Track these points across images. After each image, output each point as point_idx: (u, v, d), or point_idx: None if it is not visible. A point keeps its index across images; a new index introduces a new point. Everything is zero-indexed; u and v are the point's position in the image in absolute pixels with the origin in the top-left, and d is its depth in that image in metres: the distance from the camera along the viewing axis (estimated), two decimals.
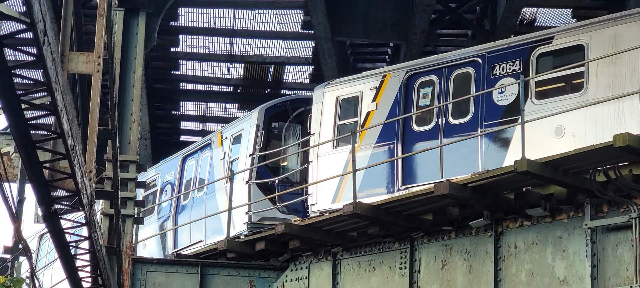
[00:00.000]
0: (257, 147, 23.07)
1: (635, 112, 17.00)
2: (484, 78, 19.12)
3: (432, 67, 20.12)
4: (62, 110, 9.72)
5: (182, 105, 37.12)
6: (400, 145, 19.92)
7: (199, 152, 25.89)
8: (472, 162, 18.75)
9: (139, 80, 19.52)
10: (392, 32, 29.72)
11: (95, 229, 13.91)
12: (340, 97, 21.22)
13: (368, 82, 20.91)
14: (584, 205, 16.38)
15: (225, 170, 24.05)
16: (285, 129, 23.58)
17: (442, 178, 18.42)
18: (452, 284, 18.02)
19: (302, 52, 34.05)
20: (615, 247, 16.06)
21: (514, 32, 29.46)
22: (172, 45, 33.65)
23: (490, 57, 19.18)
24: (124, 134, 19.03)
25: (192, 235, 24.79)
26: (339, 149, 20.85)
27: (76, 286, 16.51)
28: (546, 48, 18.49)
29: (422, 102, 20.00)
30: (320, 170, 20.94)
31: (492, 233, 17.60)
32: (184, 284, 20.64)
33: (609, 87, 17.41)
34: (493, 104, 18.88)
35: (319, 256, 20.29)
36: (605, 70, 17.52)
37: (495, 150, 18.59)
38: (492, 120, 18.76)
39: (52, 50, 8.97)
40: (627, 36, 17.44)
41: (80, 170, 11.36)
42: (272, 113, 23.70)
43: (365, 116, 20.63)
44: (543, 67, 18.31)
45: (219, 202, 23.85)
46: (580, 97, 17.68)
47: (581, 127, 17.46)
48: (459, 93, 19.39)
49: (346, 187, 20.33)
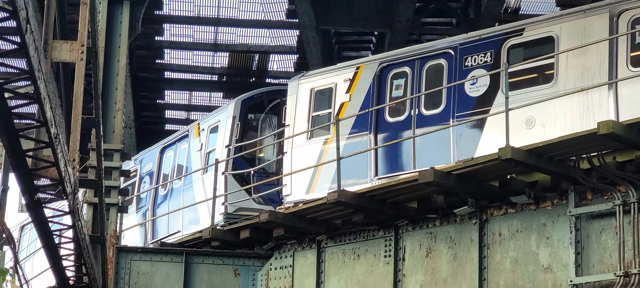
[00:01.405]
0: (234, 139, 23.21)
1: (604, 103, 17.24)
2: (456, 69, 19.34)
3: (405, 58, 20.34)
4: (45, 98, 9.68)
5: (166, 94, 37.06)
6: (373, 136, 20.03)
7: (177, 143, 26.04)
8: (444, 152, 18.96)
9: (123, 68, 19.45)
10: (377, 21, 29.72)
11: (79, 218, 13.87)
12: (315, 89, 21.42)
13: (342, 74, 21.11)
14: (568, 192, 16.44)
15: (202, 161, 24.17)
16: (262, 120, 23.84)
17: (415, 169, 18.62)
18: (437, 272, 18.05)
19: (287, 41, 34.04)
20: (599, 234, 16.11)
21: (498, 20, 29.52)
22: (157, 34, 33.57)
23: (463, 48, 19.41)
24: (108, 122, 18.97)
25: (170, 225, 24.92)
26: (313, 140, 21.09)
27: (60, 275, 16.49)
28: (517, 40, 18.74)
29: (395, 93, 20.24)
30: (294, 161, 21.12)
31: (476, 220, 17.64)
32: (169, 273, 20.63)
33: (579, 78, 17.64)
34: (465, 95, 19.10)
35: (304, 244, 20.31)
36: (575, 62, 17.76)
37: (467, 141, 18.77)
38: (464, 111, 18.98)
39: (35, 39, 8.93)
40: (596, 28, 17.68)
41: (63, 158, 11.32)
42: (248, 104, 23.95)
43: (339, 107, 20.83)
44: (514, 58, 18.50)
45: (196, 192, 24.02)
46: (550, 88, 17.90)
47: (551, 118, 17.66)
48: (431, 84, 19.60)
49: (320, 177, 20.61)
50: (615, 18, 17.61)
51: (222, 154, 23.22)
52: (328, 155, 20.62)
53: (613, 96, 17.25)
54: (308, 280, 20.06)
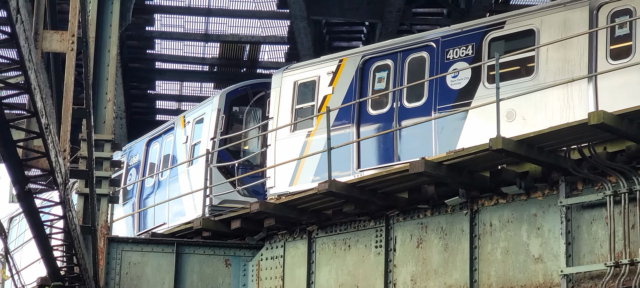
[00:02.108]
0: (218, 131, 23.32)
1: (583, 96, 17.37)
2: (438, 62, 19.45)
3: (387, 51, 20.42)
4: (36, 88, 9.67)
5: (157, 85, 37.01)
6: (356, 129, 20.11)
7: (163, 135, 26.15)
8: (426, 145, 19.11)
9: (113, 59, 19.40)
10: (368, 11, 29.72)
11: (70, 208, 13.86)
12: (298, 82, 21.51)
13: (325, 67, 21.19)
14: (558, 183, 16.46)
15: (188, 153, 24.29)
16: (246, 112, 23.95)
17: (397, 161, 18.72)
18: (428, 262, 18.07)
19: (278, 32, 34.02)
20: (590, 224, 16.14)
21: (489, 11, 29.54)
22: (148, 24, 33.52)
23: (444, 41, 19.51)
24: (98, 113, 18.93)
25: (156, 217, 25.02)
26: (297, 133, 21.16)
27: (51, 265, 16.48)
28: (498, 33, 18.89)
29: (378, 86, 20.33)
30: (278, 154, 21.22)
31: (467, 211, 17.66)
32: (160, 263, 20.63)
33: (559, 71, 17.78)
34: (447, 87, 19.21)
35: (294, 235, 20.32)
36: (555, 55, 17.89)
37: (449, 134, 18.89)
38: (446, 104, 19.09)
39: (25, 29, 8.90)
40: (576, 21, 17.80)
41: (54, 149, 11.30)
42: (233, 97, 24.07)
43: (322, 100, 20.91)
44: (495, 51, 18.55)
45: (181, 185, 24.13)
46: (531, 81, 18.04)
47: (531, 111, 17.78)
48: (413, 77, 19.70)
49: (303, 170, 20.70)
50: (595, 11, 17.71)
51: (207, 147, 23.30)
52: (311, 147, 20.72)
53: (592, 89, 17.38)
54: (299, 270, 20.07)
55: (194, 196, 23.18)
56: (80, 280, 17.81)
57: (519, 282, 16.83)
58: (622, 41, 17.38)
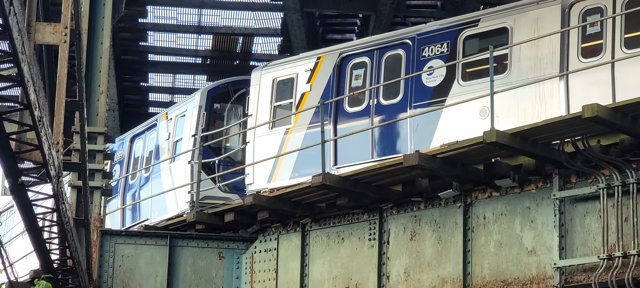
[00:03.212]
0: (199, 128, 23.50)
1: (555, 93, 17.58)
2: (414, 60, 19.66)
3: (364, 48, 20.64)
4: (29, 81, 9.62)
5: (150, 77, 36.94)
6: (332, 126, 20.32)
7: (146, 132, 26.30)
8: (402, 142, 19.33)
9: (106, 51, 19.34)
10: (361, 3, 29.69)
11: (63, 201, 13.82)
12: (277, 79, 21.73)
13: (303, 64, 21.43)
14: (552, 175, 16.47)
15: (170, 149, 24.43)
16: (228, 109, 24.18)
17: (373, 158, 18.86)
18: (421, 255, 18.07)
19: (271, 24, 33.95)
20: (583, 217, 16.16)
21: (483, 3, 29.49)
22: (140, 16, 33.44)
23: (420, 39, 19.76)
24: (91, 105, 18.87)
25: (140, 213, 25.34)
26: (275, 130, 21.38)
27: (44, 258, 16.43)
28: (473, 30, 19.11)
29: (355, 83, 20.56)
30: (256, 151, 21.42)
31: (461, 204, 17.66)
32: (153, 256, 20.60)
33: (531, 69, 17.99)
34: (422, 85, 19.41)
35: (288, 227, 20.31)
36: (528, 53, 18.10)
37: (424, 131, 19.08)
38: (421, 101, 19.29)
39: (18, 21, 8.86)
40: (548, 18, 18.03)
41: (47, 141, 11.26)
42: (214, 94, 24.34)
43: (300, 97, 21.09)
44: (469, 49, 18.88)
45: (163, 181, 24.27)
46: (504, 78, 18.18)
47: (505, 108, 17.92)
48: (390, 74, 19.92)
49: (281, 167, 20.90)
50: (567, 9, 17.95)
51: (188, 143, 23.47)
52: (289, 144, 20.90)
53: (564, 87, 17.54)
54: (292, 263, 20.06)
55: (175, 192, 23.33)
56: (73, 272, 17.77)
57: (512, 275, 16.84)
58: (593, 39, 17.63)
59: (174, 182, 23.69)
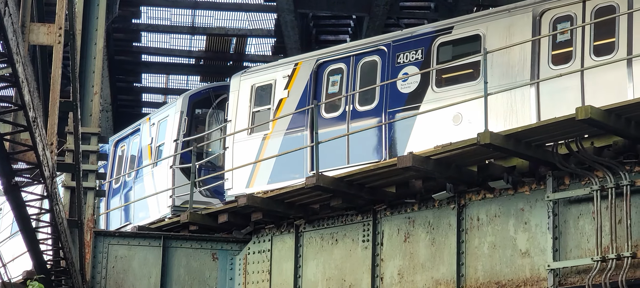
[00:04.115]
0: (181, 133, 23.83)
1: (526, 100, 17.88)
2: (389, 66, 19.97)
3: (341, 55, 20.93)
4: (24, 81, 9.61)
5: (143, 77, 36.94)
6: (309, 132, 20.64)
7: (130, 136, 26.50)
8: (377, 148, 19.62)
9: (100, 52, 19.32)
10: (355, 5, 29.71)
11: (56, 202, 13.80)
12: (255, 85, 21.97)
13: (281, 71, 21.70)
14: (546, 177, 16.49)
15: (153, 154, 24.63)
16: (209, 115, 24.58)
17: (348, 164, 19.07)
18: (415, 257, 18.08)
19: (265, 25, 33.97)
20: (577, 219, 16.17)
21: (476, 5, 29.54)
22: (134, 17, 33.44)
23: (395, 45, 20.06)
24: (85, 106, 18.84)
25: (122, 217, 25.66)
26: (253, 136, 21.63)
27: (37, 259, 16.41)
28: (446, 37, 19.44)
29: (331, 90, 20.84)
30: (235, 156, 21.69)
31: (454, 205, 17.67)
32: (146, 257, 20.57)
33: (503, 75, 18.26)
34: (397, 91, 19.73)
35: (282, 229, 20.30)
36: (499, 60, 18.38)
37: (399, 137, 19.42)
38: (396, 107, 19.62)
39: (13, 21, 8.85)
40: (520, 26, 18.38)
41: (41, 142, 11.25)
42: (196, 100, 24.73)
43: (278, 103, 21.38)
44: (443, 55, 19.21)
45: (146, 185, 24.47)
46: (476, 85, 18.45)
47: (477, 114, 18.14)
48: (366, 80, 20.22)
49: (259, 172, 21.20)
50: (538, 17, 18.25)
51: (170, 148, 23.71)
52: (267, 150, 21.16)
53: (534, 94, 17.83)
54: (286, 264, 20.05)
55: (158, 196, 23.50)
56: (66, 273, 17.74)
57: (506, 277, 16.85)
58: (564, 47, 17.95)
59: (156, 187, 23.92)
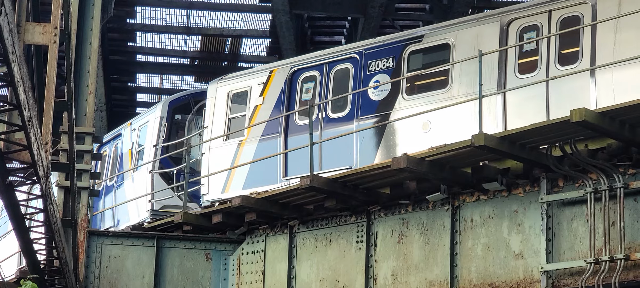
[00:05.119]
0: (161, 138, 24.11)
1: (492, 109, 18.12)
2: (361, 74, 20.26)
3: (314, 63, 21.24)
4: (19, 81, 9.61)
5: (138, 77, 36.92)
6: (283, 138, 20.90)
7: (111, 141, 26.66)
8: (348, 154, 19.86)
9: (95, 51, 19.30)
10: (350, 6, 29.71)
11: (51, 201, 13.80)
12: (232, 92, 22.25)
13: (256, 78, 22.00)
14: (540, 179, 16.51)
15: (133, 159, 24.84)
16: (188, 120, 24.88)
17: (321, 170, 19.21)
18: (409, 258, 18.09)
19: (260, 25, 33.97)
20: (571, 221, 16.20)
21: (471, 7, 29.57)
22: (129, 17, 33.42)
23: (367, 53, 20.36)
24: (80, 105, 18.83)
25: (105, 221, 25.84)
26: (229, 142, 21.89)
27: (31, 258, 16.41)
28: (417, 46, 19.73)
29: (305, 97, 21.09)
30: (212, 162, 21.96)
31: (448, 207, 17.69)
32: (140, 257, 20.57)
33: (471, 84, 18.48)
34: (368, 99, 20.01)
35: (276, 229, 20.30)
36: (468, 69, 18.61)
37: (369, 144, 19.68)
38: (367, 114, 19.92)
39: (9, 21, 8.85)
40: (488, 36, 18.66)
41: (36, 141, 11.25)
42: (175, 106, 25.12)
43: (253, 110, 21.66)
44: (414, 63, 19.53)
45: (126, 190, 24.64)
46: (445, 93, 18.82)
47: (445, 122, 18.54)
48: (338, 87, 20.50)
49: (234, 178, 21.49)
50: (505, 27, 18.51)
51: (149, 153, 23.98)
52: (242, 156, 21.45)
53: (501, 102, 18.10)
54: (280, 264, 20.05)
55: (137, 201, 23.65)
56: (60, 273, 17.74)
57: (500, 278, 16.88)
58: (530, 55, 18.23)
59: (136, 191, 24.12)
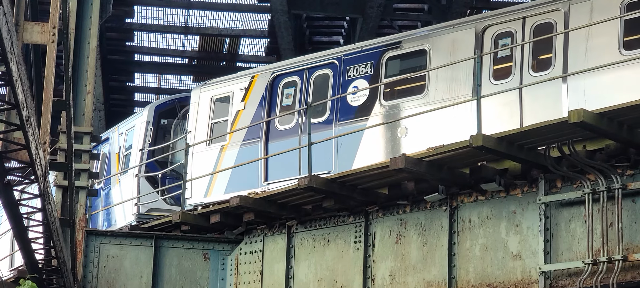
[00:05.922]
0: (147, 142, 24.44)
1: (467, 114, 18.28)
2: (340, 79, 20.53)
3: (295, 68, 21.50)
4: (18, 80, 9.61)
5: (136, 77, 36.91)
6: (264, 143, 21.16)
7: (100, 145, 26.84)
8: (327, 160, 20.09)
9: (93, 51, 19.30)
10: (349, 6, 29.71)
11: (49, 201, 13.79)
12: (214, 97, 22.48)
13: (238, 83, 22.23)
14: (538, 180, 16.51)
15: (121, 163, 25.26)
16: (174, 125, 25.14)
17: (300, 174, 19.41)
18: (407, 258, 18.10)
19: (258, 25, 33.97)
20: (568, 222, 16.21)
21: (469, 8, 29.58)
22: (127, 16, 33.41)
23: (346, 59, 20.64)
24: (78, 105, 18.83)
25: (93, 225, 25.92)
26: (211, 147, 22.14)
27: (29, 257, 16.40)
28: (395, 52, 20.03)
29: (286, 102, 21.38)
30: (195, 166, 22.15)
31: (446, 207, 17.70)
32: (138, 256, 20.56)
33: (447, 90, 18.85)
34: (347, 104, 20.29)
35: (274, 229, 20.31)
36: (444, 74, 18.96)
37: (347, 149, 19.92)
38: (346, 119, 20.19)
39: (7, 20, 8.85)
40: (463, 42, 18.95)
41: (34, 141, 11.25)
42: (161, 110, 25.40)
43: (235, 115, 21.88)
44: (391, 69, 19.81)
45: (113, 193, 24.76)
46: (422, 99, 19.15)
47: (422, 127, 18.83)
48: (318, 93, 20.78)
49: (216, 183, 21.76)
50: (480, 33, 18.76)
51: (135, 157, 24.26)
52: (224, 160, 21.67)
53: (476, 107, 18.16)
54: (278, 265, 20.06)
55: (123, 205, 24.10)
56: (58, 272, 17.73)
57: (497, 279, 16.88)
58: (504, 62, 18.50)
59: (123, 195, 24.30)
